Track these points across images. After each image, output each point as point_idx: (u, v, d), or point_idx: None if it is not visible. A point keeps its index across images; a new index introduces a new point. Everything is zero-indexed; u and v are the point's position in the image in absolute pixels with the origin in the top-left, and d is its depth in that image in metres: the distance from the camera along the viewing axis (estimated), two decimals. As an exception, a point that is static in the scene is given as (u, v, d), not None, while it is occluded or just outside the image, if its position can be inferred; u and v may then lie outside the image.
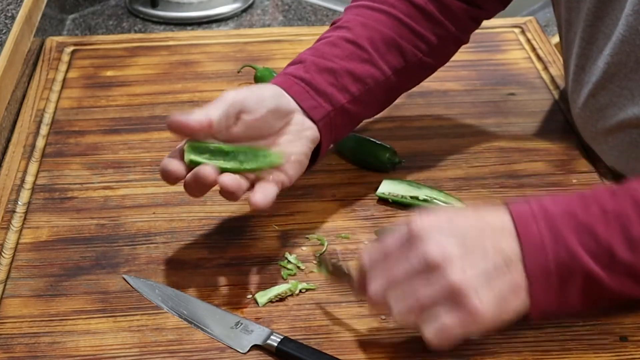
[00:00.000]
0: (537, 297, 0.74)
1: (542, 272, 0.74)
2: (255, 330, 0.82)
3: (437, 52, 1.03)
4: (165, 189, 1.02)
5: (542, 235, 0.74)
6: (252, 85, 0.90)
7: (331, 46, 0.97)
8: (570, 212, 0.75)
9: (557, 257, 0.74)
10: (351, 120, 0.97)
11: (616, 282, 0.75)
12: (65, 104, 1.19)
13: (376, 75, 0.97)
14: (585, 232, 0.74)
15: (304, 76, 0.93)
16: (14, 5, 1.25)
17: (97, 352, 0.81)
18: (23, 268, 0.91)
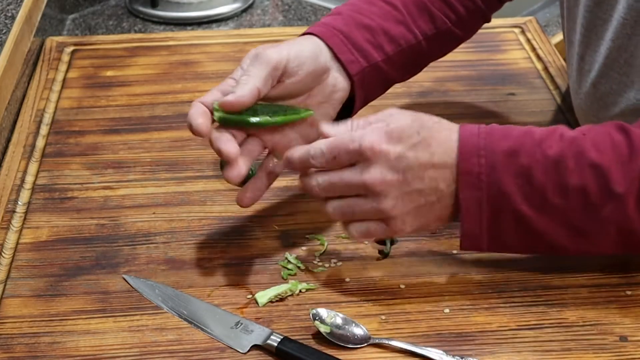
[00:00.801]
0: (468, 229, 0.81)
1: (474, 207, 0.80)
2: (255, 330, 0.82)
3: (464, 24, 1.04)
4: (165, 189, 1.02)
5: (480, 173, 0.79)
6: (285, 43, 0.89)
7: (368, 3, 0.98)
8: (514, 153, 0.80)
9: (490, 194, 0.79)
10: (382, 80, 0.99)
11: (545, 224, 0.80)
12: (65, 104, 1.19)
13: (409, 37, 0.98)
14: (523, 175, 0.79)
15: (343, 29, 0.94)
16: (14, 5, 1.25)
17: (97, 352, 0.81)
18: (23, 268, 0.91)
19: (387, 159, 0.79)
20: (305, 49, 0.90)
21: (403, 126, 0.80)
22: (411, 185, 0.80)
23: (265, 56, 0.87)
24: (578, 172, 0.78)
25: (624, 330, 0.83)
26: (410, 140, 0.80)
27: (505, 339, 0.82)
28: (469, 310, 0.85)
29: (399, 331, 0.83)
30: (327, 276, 0.90)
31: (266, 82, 0.85)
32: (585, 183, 0.78)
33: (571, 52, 1.03)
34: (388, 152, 0.79)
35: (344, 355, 0.80)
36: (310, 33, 0.93)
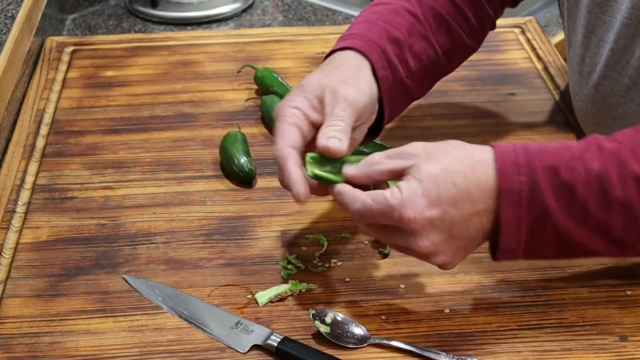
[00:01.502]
0: (506, 243, 0.79)
1: (514, 223, 0.78)
2: (255, 330, 0.82)
3: (476, 35, 1.04)
4: (166, 189, 1.02)
5: (521, 191, 0.77)
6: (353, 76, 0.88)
7: (395, 14, 0.96)
8: (555, 168, 0.78)
9: (531, 211, 0.77)
10: (406, 96, 0.98)
11: (586, 237, 0.78)
12: (65, 104, 1.19)
13: (430, 52, 0.97)
14: (565, 191, 0.77)
15: (379, 42, 0.92)
16: (14, 5, 1.25)
17: (97, 352, 0.81)
18: (23, 268, 0.91)
19: (431, 225, 0.77)
20: (368, 88, 0.89)
21: (437, 180, 0.77)
22: (458, 239, 0.78)
23: (351, 99, 0.86)
24: (621, 185, 0.77)
25: (624, 330, 0.83)
26: (449, 196, 0.77)
27: (505, 339, 0.82)
28: (469, 310, 0.85)
29: (399, 331, 0.83)
30: (327, 276, 0.90)
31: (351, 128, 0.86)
32: (629, 196, 0.77)
33: (572, 53, 1.03)
34: (432, 218, 0.77)
35: (344, 355, 0.80)
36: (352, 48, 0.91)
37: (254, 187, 1.03)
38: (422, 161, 0.78)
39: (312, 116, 0.85)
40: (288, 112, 0.85)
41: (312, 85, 0.87)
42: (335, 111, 0.84)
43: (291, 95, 0.87)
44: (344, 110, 0.85)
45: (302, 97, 0.86)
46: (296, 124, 0.84)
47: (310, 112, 0.85)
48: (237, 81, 1.24)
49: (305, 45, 1.32)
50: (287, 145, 0.83)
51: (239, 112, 1.17)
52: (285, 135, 0.84)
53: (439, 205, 0.76)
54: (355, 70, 0.89)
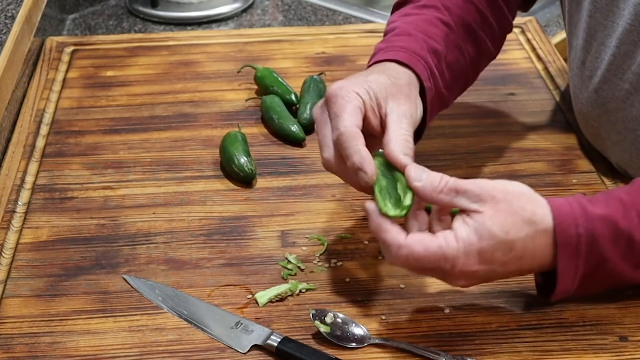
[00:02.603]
0: (562, 289, 0.79)
1: (571, 271, 0.78)
2: (255, 330, 0.82)
3: (498, 41, 1.04)
4: (166, 189, 1.02)
5: (579, 243, 0.77)
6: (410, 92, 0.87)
7: (430, 24, 0.95)
8: (611, 218, 0.78)
9: (588, 260, 0.78)
10: (442, 105, 0.97)
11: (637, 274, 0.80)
12: (65, 104, 1.19)
13: (462, 62, 0.98)
14: (623, 240, 0.78)
15: (423, 55, 0.91)
16: (14, 5, 1.25)
17: (97, 352, 0.81)
18: (23, 268, 0.91)
19: (474, 275, 0.77)
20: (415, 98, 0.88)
21: (496, 244, 0.76)
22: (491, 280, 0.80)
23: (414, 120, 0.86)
24: None
25: (624, 330, 0.83)
26: (501, 260, 0.77)
27: (505, 339, 0.82)
28: (469, 310, 0.85)
29: (399, 331, 0.83)
30: (327, 276, 0.90)
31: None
32: None
33: (572, 56, 1.03)
34: (478, 271, 0.77)
35: (344, 355, 0.80)
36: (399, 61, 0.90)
37: (254, 187, 1.03)
38: (487, 213, 0.76)
39: (368, 114, 0.84)
40: (353, 96, 0.83)
41: (379, 84, 0.85)
42: (403, 124, 0.83)
43: (355, 83, 0.85)
44: (409, 126, 0.84)
45: (366, 90, 0.85)
46: (359, 108, 0.83)
47: (368, 110, 0.84)
48: (237, 81, 1.24)
49: (305, 45, 1.32)
50: (354, 124, 0.81)
51: (239, 112, 1.17)
52: (354, 115, 0.82)
53: (490, 264, 0.77)
54: (411, 86, 0.88)
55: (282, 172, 1.05)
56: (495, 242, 0.75)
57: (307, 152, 1.09)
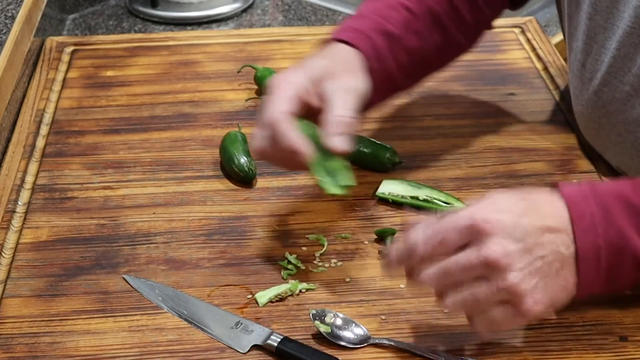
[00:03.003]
0: (585, 277, 0.76)
1: (593, 253, 0.75)
2: (255, 330, 0.82)
3: (471, 34, 1.05)
4: (166, 189, 1.02)
5: (593, 215, 0.75)
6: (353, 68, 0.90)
7: (391, 9, 0.98)
8: (621, 193, 0.76)
9: (607, 237, 0.75)
10: (393, 87, 0.99)
11: None
12: (65, 104, 1.19)
13: (423, 49, 0.99)
14: (636, 214, 0.75)
15: (372, 36, 0.94)
16: (14, 5, 1.25)
17: (97, 352, 0.81)
18: (23, 268, 0.91)
19: (503, 228, 0.73)
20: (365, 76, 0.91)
21: (505, 197, 0.76)
22: (533, 253, 0.74)
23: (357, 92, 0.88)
24: None
25: (624, 330, 0.82)
26: (518, 208, 0.75)
27: (505, 339, 0.82)
28: (469, 310, 0.85)
29: (399, 331, 0.83)
30: (327, 276, 0.90)
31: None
32: None
33: (572, 58, 1.03)
34: (502, 220, 0.74)
35: (344, 355, 0.80)
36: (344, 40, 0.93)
37: (254, 187, 1.03)
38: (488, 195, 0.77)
39: (308, 98, 0.86)
40: (284, 85, 0.86)
41: (316, 68, 0.88)
42: (341, 98, 0.86)
43: (291, 72, 0.88)
44: (350, 98, 0.86)
45: (302, 76, 0.87)
46: (291, 96, 0.85)
47: (306, 94, 0.86)
48: (237, 81, 1.24)
49: (305, 45, 1.32)
50: (280, 111, 0.84)
51: (239, 112, 1.17)
52: (284, 102, 0.84)
53: (509, 212, 0.75)
54: (353, 62, 0.91)
55: (282, 172, 1.05)
56: (503, 196, 0.76)
57: (307, 152, 1.09)
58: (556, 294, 0.75)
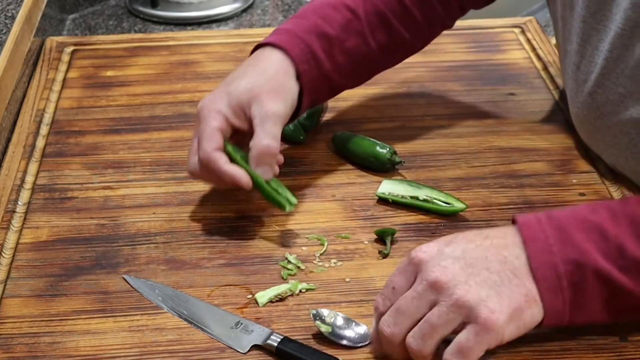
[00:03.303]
0: (550, 302, 0.73)
1: (551, 274, 0.73)
2: (255, 330, 0.82)
3: (422, 34, 1.06)
4: (166, 189, 1.02)
5: (547, 236, 0.73)
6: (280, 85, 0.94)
7: (332, 9, 0.99)
8: (577, 215, 0.75)
9: (565, 257, 0.73)
10: (331, 87, 1.01)
11: (631, 282, 0.73)
12: (65, 104, 1.19)
13: (364, 49, 1.00)
14: (594, 230, 0.73)
15: (305, 37, 0.96)
16: (14, 5, 1.25)
17: (97, 352, 0.81)
18: (23, 268, 0.91)
19: (439, 251, 0.74)
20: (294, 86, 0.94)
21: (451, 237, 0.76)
22: (476, 266, 0.72)
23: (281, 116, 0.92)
24: None
25: (624, 330, 0.82)
26: (464, 238, 0.75)
27: (505, 339, 0.82)
28: (469, 310, 0.85)
29: (399, 331, 0.82)
30: (327, 276, 0.90)
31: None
32: None
33: (566, 60, 1.03)
34: (442, 249, 0.74)
35: (344, 355, 0.80)
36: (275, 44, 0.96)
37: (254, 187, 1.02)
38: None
39: (235, 122, 0.92)
40: (212, 115, 0.91)
41: (239, 93, 0.92)
42: (266, 126, 0.90)
43: (215, 98, 0.93)
44: (274, 125, 0.91)
45: (227, 103, 0.92)
46: (220, 128, 0.91)
47: (233, 119, 0.92)
48: (237, 81, 1.23)
49: (305, 45, 1.32)
50: (213, 148, 0.90)
51: (239, 112, 1.17)
52: (212, 139, 0.90)
53: (446, 240, 0.75)
54: (282, 75, 0.94)
55: (282, 172, 1.04)
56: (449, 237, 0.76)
57: (307, 152, 1.09)
58: (516, 303, 0.72)
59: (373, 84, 1.15)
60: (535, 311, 0.73)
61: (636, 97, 0.92)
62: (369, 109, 1.17)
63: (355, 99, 1.18)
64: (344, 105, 1.17)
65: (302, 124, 1.11)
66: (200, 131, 0.92)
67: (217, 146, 0.91)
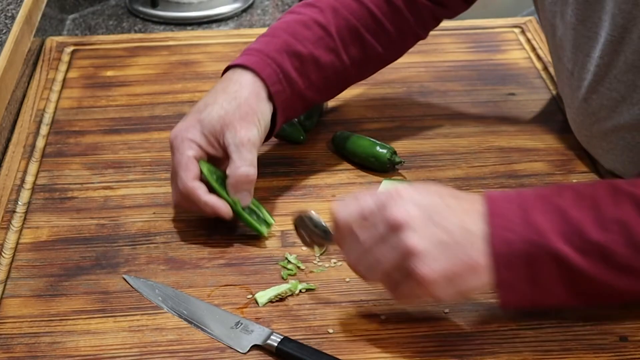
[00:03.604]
0: (503, 278, 0.75)
1: (507, 250, 0.74)
2: (255, 330, 0.82)
3: (395, 46, 1.06)
4: (166, 189, 1.02)
5: (509, 214, 0.75)
6: (252, 110, 0.93)
7: (303, 27, 0.99)
8: (544, 195, 0.77)
9: (524, 236, 0.74)
10: (304, 104, 1.01)
11: (590, 266, 0.74)
12: (65, 104, 1.19)
13: (337, 65, 1.00)
14: (556, 213, 0.75)
15: (277, 58, 0.96)
16: (14, 5, 1.25)
17: (97, 352, 0.81)
18: (23, 268, 0.91)
19: (411, 197, 0.76)
20: (266, 108, 0.94)
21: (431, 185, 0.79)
22: (436, 223, 0.74)
23: (255, 142, 0.92)
24: (614, 203, 0.74)
25: (624, 330, 0.83)
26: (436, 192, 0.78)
27: (505, 339, 0.82)
28: (469, 310, 0.85)
29: (399, 331, 0.83)
30: (327, 276, 0.90)
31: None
32: (624, 213, 0.74)
33: (560, 67, 1.04)
34: (413, 194, 0.76)
35: (344, 355, 0.80)
36: (247, 66, 0.96)
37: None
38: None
39: (209, 151, 0.93)
40: (186, 145, 0.92)
41: (211, 121, 0.92)
42: (242, 154, 0.91)
43: (188, 126, 0.93)
44: (250, 152, 0.92)
45: (199, 131, 0.92)
46: (195, 157, 0.92)
47: (207, 148, 0.93)
48: (237, 81, 1.23)
49: (305, 45, 1.32)
50: (191, 178, 0.91)
51: (239, 112, 1.17)
52: (188, 169, 0.91)
53: (424, 190, 0.77)
54: (254, 100, 0.94)
55: (282, 172, 1.05)
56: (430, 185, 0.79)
57: (307, 152, 1.09)
58: (456, 267, 0.74)
59: (373, 84, 1.16)
60: (478, 281, 0.75)
61: (630, 101, 0.92)
62: (369, 109, 1.17)
63: (355, 99, 1.18)
64: (344, 105, 1.17)
65: (302, 124, 1.11)
66: (176, 162, 0.92)
67: (194, 175, 0.91)
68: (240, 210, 0.93)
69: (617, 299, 0.79)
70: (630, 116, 0.93)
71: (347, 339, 0.82)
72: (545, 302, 0.77)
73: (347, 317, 0.84)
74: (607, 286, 0.76)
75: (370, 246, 0.76)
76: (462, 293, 0.76)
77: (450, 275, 0.74)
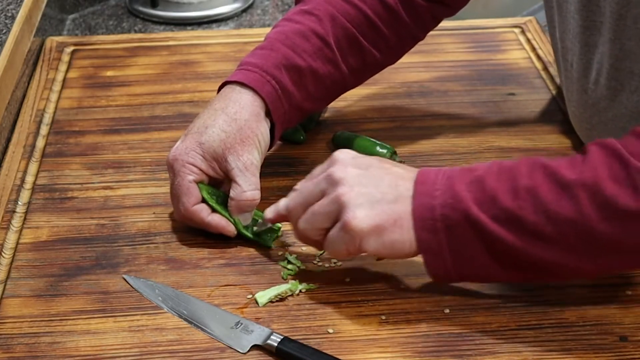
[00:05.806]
0: (424, 240, 0.79)
1: (427, 214, 0.79)
2: (255, 330, 0.82)
3: (394, 51, 1.06)
4: (166, 189, 1.02)
5: (435, 183, 0.80)
6: (253, 132, 0.93)
7: (302, 38, 0.98)
8: (471, 169, 0.81)
9: (443, 201, 0.79)
10: (302, 114, 1.01)
11: (504, 232, 0.77)
12: (65, 104, 1.19)
13: (335, 75, 1.00)
14: (475, 182, 0.79)
15: (275, 74, 0.96)
16: (14, 5, 1.25)
17: (97, 352, 0.81)
18: (23, 268, 0.91)
19: (352, 161, 0.83)
20: (266, 127, 0.95)
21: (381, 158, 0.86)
22: (370, 180, 0.81)
23: (258, 164, 0.94)
24: (529, 174, 0.78)
25: (624, 330, 0.83)
26: (381, 160, 0.84)
27: (505, 339, 0.82)
28: (469, 310, 0.85)
29: (399, 331, 0.83)
30: (327, 276, 0.90)
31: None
32: (535, 182, 0.77)
33: (561, 59, 1.03)
34: (356, 158, 0.83)
35: (344, 356, 0.80)
36: (245, 84, 0.95)
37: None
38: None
39: (210, 173, 0.93)
40: (187, 169, 0.92)
41: (213, 144, 0.92)
42: (247, 177, 0.92)
43: (188, 149, 0.93)
44: (254, 175, 0.92)
45: (200, 155, 0.92)
46: (196, 181, 0.92)
47: (208, 171, 0.93)
48: (237, 81, 1.23)
49: (305, 45, 1.32)
50: (193, 203, 0.92)
51: (239, 112, 1.17)
52: (190, 194, 0.92)
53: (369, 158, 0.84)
54: (254, 121, 0.94)
55: (282, 172, 1.05)
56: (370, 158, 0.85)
57: (307, 152, 1.09)
58: (381, 221, 0.79)
59: (373, 84, 1.16)
60: (402, 236, 0.80)
61: (629, 89, 0.93)
62: (369, 109, 1.17)
63: (355, 99, 1.18)
64: (344, 105, 1.17)
65: (302, 124, 1.11)
66: (177, 186, 0.92)
67: (196, 200, 0.92)
68: (242, 229, 0.93)
69: (549, 275, 0.81)
70: (630, 104, 0.93)
71: (347, 339, 0.82)
72: (475, 273, 0.81)
73: (347, 317, 0.84)
74: (525, 255, 0.78)
75: (311, 200, 0.83)
76: (387, 246, 0.80)
77: (376, 227, 0.79)
